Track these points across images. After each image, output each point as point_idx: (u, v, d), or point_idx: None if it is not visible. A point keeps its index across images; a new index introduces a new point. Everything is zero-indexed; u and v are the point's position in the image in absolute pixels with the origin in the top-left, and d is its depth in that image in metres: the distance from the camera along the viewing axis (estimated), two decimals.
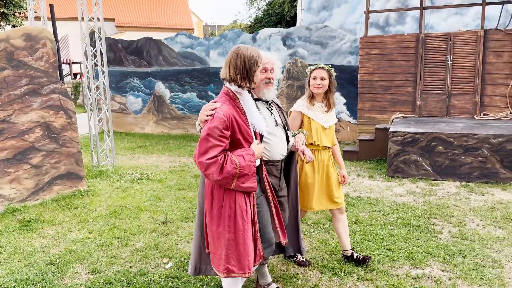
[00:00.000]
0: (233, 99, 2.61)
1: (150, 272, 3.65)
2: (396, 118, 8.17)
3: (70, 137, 5.86)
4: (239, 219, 2.58)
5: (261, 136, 2.85)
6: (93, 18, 7.25)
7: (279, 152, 3.01)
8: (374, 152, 7.79)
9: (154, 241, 4.29)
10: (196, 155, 2.49)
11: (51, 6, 6.27)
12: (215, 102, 2.61)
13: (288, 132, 3.18)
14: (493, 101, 7.86)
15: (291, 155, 3.27)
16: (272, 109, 3.07)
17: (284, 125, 3.14)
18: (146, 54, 11.34)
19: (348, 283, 3.41)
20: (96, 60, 7.38)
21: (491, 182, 6.14)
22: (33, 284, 3.48)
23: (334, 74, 3.52)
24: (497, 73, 7.79)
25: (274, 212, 2.88)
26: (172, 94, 11.23)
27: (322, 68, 3.47)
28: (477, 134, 6.19)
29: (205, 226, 2.80)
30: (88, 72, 7.20)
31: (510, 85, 7.66)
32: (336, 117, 3.79)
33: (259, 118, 2.70)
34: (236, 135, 2.54)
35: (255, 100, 2.97)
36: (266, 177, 2.85)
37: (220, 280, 3.46)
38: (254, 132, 2.72)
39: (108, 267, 3.78)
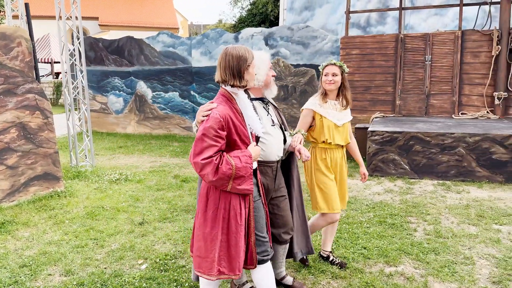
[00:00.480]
0: (229, 100, 2.58)
1: (125, 273, 3.62)
2: (376, 117, 8.26)
3: (47, 137, 5.78)
4: (233, 221, 2.56)
5: (257, 138, 2.84)
6: (71, 17, 7.16)
7: (275, 152, 2.99)
8: None
9: (130, 242, 4.26)
10: (192, 155, 2.47)
11: (26, 5, 6.17)
12: (212, 102, 2.59)
13: (286, 132, 3.16)
14: (470, 101, 8.00)
15: (291, 155, 3.24)
16: (268, 109, 3.06)
17: (280, 125, 3.12)
18: (127, 53, 11.24)
19: (322, 281, 3.44)
20: (75, 60, 7.30)
21: (468, 180, 6.25)
22: (4, 286, 3.42)
23: (347, 70, 3.45)
24: (475, 73, 7.93)
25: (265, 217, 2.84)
26: (154, 93, 11.16)
27: (334, 64, 3.40)
28: (454, 133, 6.29)
29: (193, 228, 2.76)
30: (66, 71, 7.11)
31: (487, 84, 7.80)
32: None
33: (255, 119, 2.67)
34: (233, 136, 2.52)
35: (253, 99, 2.98)
36: (260, 181, 2.82)
37: (195, 281, 3.46)
38: (251, 133, 2.69)
39: (83, 268, 3.74)
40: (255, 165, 2.70)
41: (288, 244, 3.23)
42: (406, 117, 8.11)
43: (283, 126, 3.15)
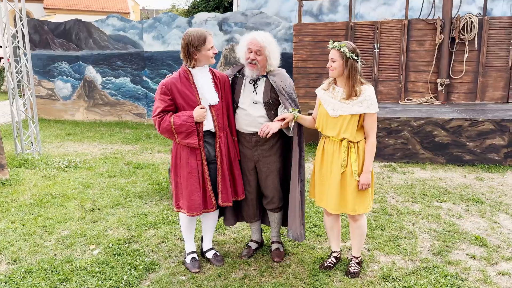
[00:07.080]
0: (185, 72, 3.12)
1: (76, 259, 3.55)
2: None
3: None
4: (181, 168, 3.16)
5: (235, 107, 3.29)
6: None
7: (245, 127, 3.28)
8: (307, 136, 8.03)
9: (81, 228, 4.17)
10: None
11: None
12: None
13: (284, 110, 3.23)
14: (416, 87, 8.38)
15: (294, 135, 3.29)
16: (256, 88, 3.22)
17: (267, 103, 3.21)
18: (75, 37, 10.78)
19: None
20: (18, 42, 6.93)
21: (412, 162, 6.59)
22: None
23: (348, 54, 2.94)
24: (420, 61, 8.30)
25: (219, 177, 3.25)
26: (104, 79, 10.80)
27: (334, 47, 3.00)
28: (399, 118, 6.59)
29: None
30: (9, 55, 6.74)
31: (431, 71, 8.20)
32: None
33: (206, 90, 3.13)
34: (177, 100, 3.09)
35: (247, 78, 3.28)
36: (219, 144, 3.22)
37: (149, 263, 3.48)
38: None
39: (31, 256, 3.63)
40: (209, 126, 3.16)
41: (278, 214, 3.50)
42: None
43: (279, 106, 3.25)
